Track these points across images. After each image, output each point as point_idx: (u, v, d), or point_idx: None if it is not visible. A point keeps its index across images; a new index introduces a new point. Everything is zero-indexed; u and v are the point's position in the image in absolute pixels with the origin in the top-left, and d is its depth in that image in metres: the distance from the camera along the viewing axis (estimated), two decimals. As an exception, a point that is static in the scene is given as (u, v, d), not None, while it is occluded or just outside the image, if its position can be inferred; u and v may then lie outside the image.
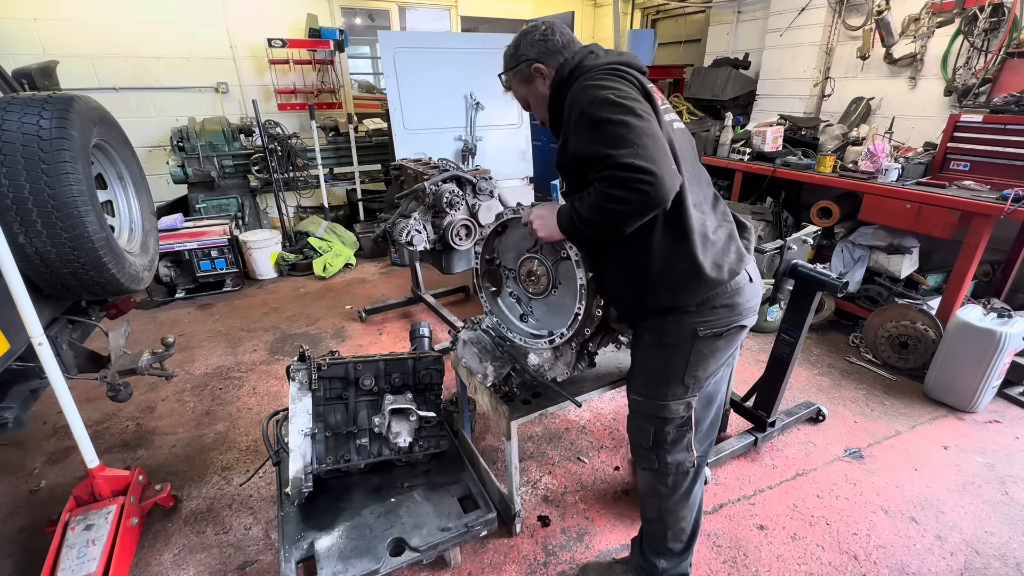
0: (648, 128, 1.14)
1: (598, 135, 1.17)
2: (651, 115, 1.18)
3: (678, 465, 1.48)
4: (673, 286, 1.31)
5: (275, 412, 1.96)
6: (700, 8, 5.79)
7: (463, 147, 4.51)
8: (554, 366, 1.69)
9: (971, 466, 2.27)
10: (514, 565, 1.82)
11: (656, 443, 1.48)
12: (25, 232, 1.49)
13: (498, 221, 1.67)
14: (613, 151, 1.13)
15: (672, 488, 1.51)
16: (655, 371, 1.44)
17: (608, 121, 1.15)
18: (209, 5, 4.74)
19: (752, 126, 4.15)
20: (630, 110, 1.15)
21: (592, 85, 1.23)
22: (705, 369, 1.40)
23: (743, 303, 1.37)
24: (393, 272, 4.68)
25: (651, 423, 1.47)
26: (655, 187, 1.10)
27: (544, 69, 1.42)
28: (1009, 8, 3.13)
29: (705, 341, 1.36)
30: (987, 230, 2.63)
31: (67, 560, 1.62)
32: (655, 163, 1.10)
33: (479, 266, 1.79)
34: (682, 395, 1.41)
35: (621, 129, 1.13)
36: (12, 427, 1.70)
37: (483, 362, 1.74)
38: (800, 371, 3.00)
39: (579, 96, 1.24)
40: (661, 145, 1.13)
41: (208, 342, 3.40)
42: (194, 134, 4.38)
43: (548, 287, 1.60)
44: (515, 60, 1.46)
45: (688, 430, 1.46)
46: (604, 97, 1.18)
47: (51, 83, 3.16)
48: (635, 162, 1.10)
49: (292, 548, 1.60)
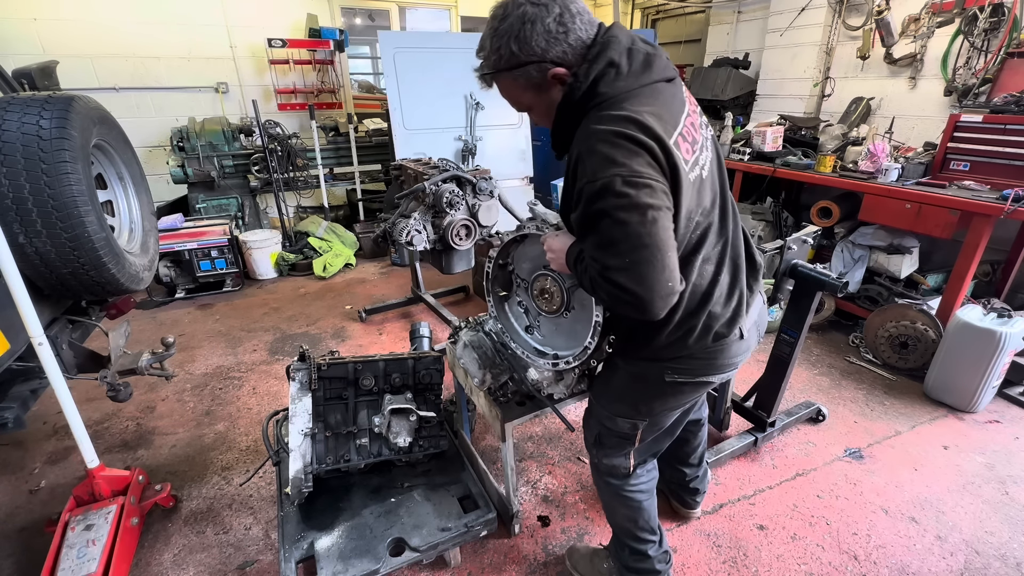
0: (647, 236, 0.95)
1: (592, 227, 1.00)
2: (661, 203, 0.97)
3: (613, 468, 1.51)
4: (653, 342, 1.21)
5: (275, 412, 1.96)
6: (700, 8, 5.79)
7: (463, 147, 4.50)
8: (553, 385, 1.68)
9: (971, 466, 2.27)
10: (514, 565, 1.82)
11: (598, 443, 1.51)
12: (25, 232, 1.49)
13: (519, 232, 1.57)
14: (603, 257, 0.99)
15: (606, 486, 1.55)
16: (613, 389, 1.42)
17: (604, 215, 0.96)
18: (209, 5, 4.74)
19: (752, 126, 4.15)
20: (634, 206, 0.94)
21: (600, 147, 0.97)
22: (663, 404, 1.36)
23: (723, 360, 1.26)
24: (393, 272, 4.68)
25: (598, 426, 1.49)
26: (640, 309, 0.99)
27: (565, 75, 1.05)
28: (1009, 8, 3.13)
29: (671, 385, 1.28)
30: (987, 230, 2.62)
31: (67, 560, 1.62)
32: (642, 284, 0.96)
33: (491, 270, 1.71)
34: (631, 416, 1.39)
35: (616, 232, 0.96)
36: (12, 427, 1.70)
37: (482, 368, 1.72)
38: (800, 371, 3.00)
39: (583, 158, 1.00)
40: (658, 259, 0.96)
41: (208, 342, 3.40)
42: (194, 134, 4.38)
43: (561, 308, 1.54)
44: (516, 60, 1.04)
45: (630, 444, 1.45)
46: (606, 183, 0.95)
47: (51, 83, 3.16)
48: (621, 281, 0.97)
49: (292, 548, 1.60)
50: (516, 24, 1.01)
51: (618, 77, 1.02)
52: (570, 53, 1.04)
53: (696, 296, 1.17)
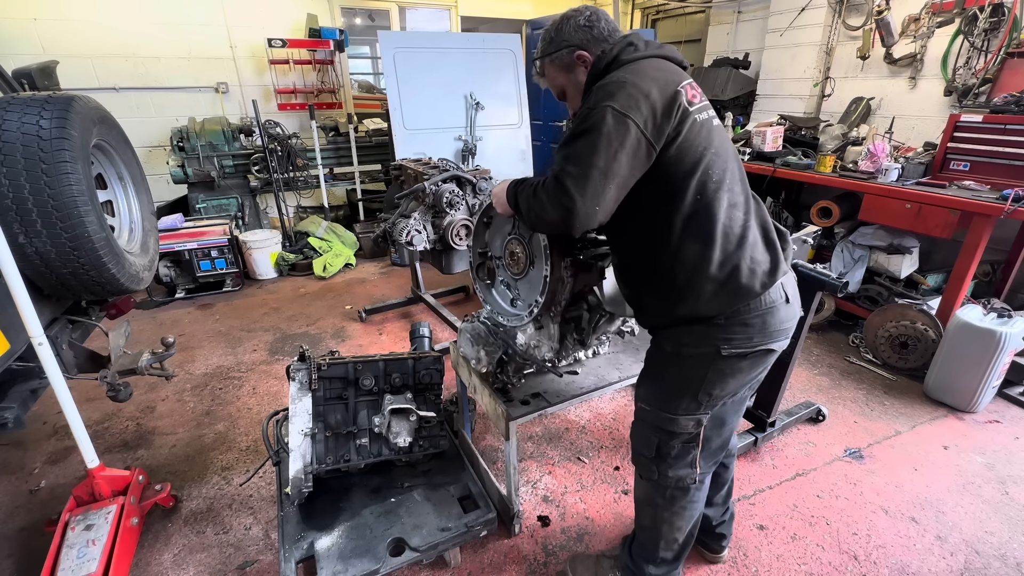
0: (606, 165, 1.12)
1: (573, 136, 1.18)
2: (634, 146, 1.14)
3: (679, 480, 1.42)
4: (700, 294, 1.21)
5: (275, 412, 1.97)
6: (700, 8, 5.79)
7: (463, 147, 4.51)
8: (540, 343, 1.69)
9: (971, 466, 2.27)
10: (514, 565, 1.82)
11: (659, 455, 1.41)
12: (25, 232, 1.49)
13: (481, 211, 1.72)
14: (566, 160, 1.16)
15: (669, 500, 1.46)
16: (669, 382, 1.36)
17: (586, 132, 1.14)
18: (209, 5, 4.74)
19: (752, 126, 4.15)
20: (609, 137, 1.12)
21: (613, 83, 1.18)
22: (723, 388, 1.30)
23: (775, 324, 1.25)
24: (393, 272, 4.68)
25: (656, 434, 1.40)
26: (571, 213, 1.14)
27: (588, 57, 1.33)
28: (1009, 8, 3.13)
29: (728, 360, 1.26)
30: (987, 230, 2.63)
31: (67, 560, 1.62)
32: (582, 195, 1.13)
33: (473, 259, 1.82)
34: (694, 411, 1.33)
35: (586, 148, 1.14)
36: (12, 427, 1.70)
37: (475, 347, 1.78)
38: (800, 371, 3.00)
39: (599, 89, 1.20)
40: (603, 183, 1.13)
41: (208, 342, 3.40)
42: (194, 134, 4.38)
43: (526, 265, 1.60)
44: (556, 45, 1.36)
45: (695, 447, 1.39)
46: (604, 109, 1.14)
47: (51, 83, 3.17)
48: (569, 184, 1.13)
49: (292, 548, 1.60)
50: (558, 22, 1.38)
51: (635, 51, 1.27)
52: (592, 43, 1.33)
53: (731, 239, 1.22)
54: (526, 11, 6.15)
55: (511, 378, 1.79)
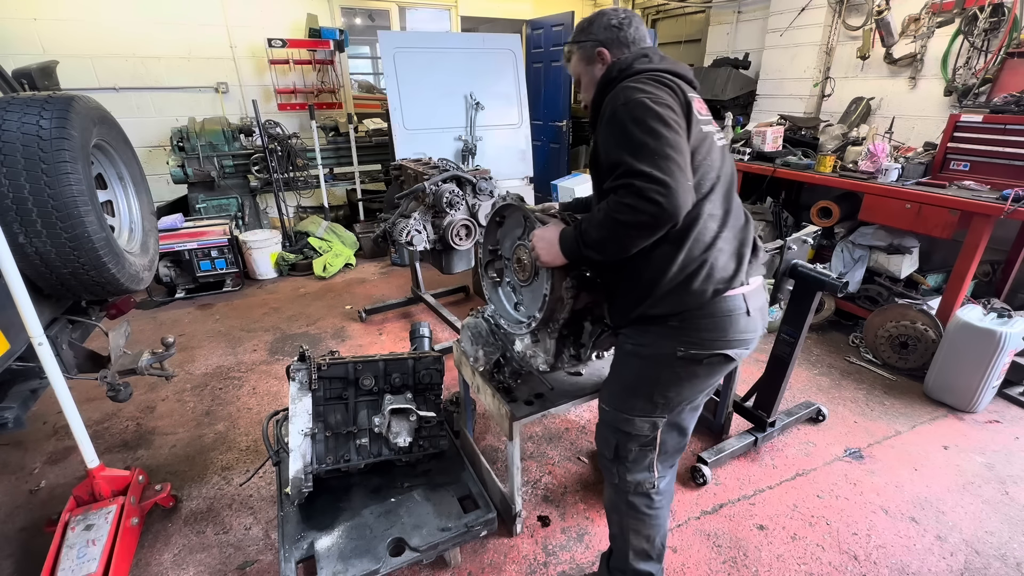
0: (672, 140, 1.12)
1: (623, 138, 1.16)
2: (681, 127, 1.17)
3: (637, 484, 1.43)
4: (656, 293, 1.26)
5: (275, 412, 1.96)
6: (700, 8, 5.79)
7: (463, 147, 4.51)
8: (536, 354, 1.70)
9: (971, 466, 2.27)
10: (514, 565, 1.82)
11: (617, 457, 1.43)
12: (25, 232, 1.49)
13: (495, 210, 1.71)
14: (632, 159, 1.12)
15: (630, 507, 1.46)
16: (625, 381, 1.40)
17: (637, 125, 1.14)
18: (209, 5, 4.74)
19: (752, 126, 4.15)
20: (660, 118, 1.14)
21: (632, 87, 1.22)
22: (679, 392, 1.33)
23: (733, 333, 1.28)
24: (393, 272, 4.68)
25: (615, 436, 1.42)
26: (668, 199, 1.08)
27: (607, 55, 1.38)
28: (1009, 8, 3.13)
29: (683, 362, 1.28)
30: (987, 230, 2.63)
31: (67, 560, 1.62)
32: (671, 175, 1.08)
33: (483, 255, 1.82)
34: (649, 412, 1.36)
35: (646, 137, 1.12)
36: (12, 427, 1.70)
37: (475, 345, 1.80)
38: (800, 371, 3.00)
39: (617, 96, 1.23)
40: (682, 160, 1.12)
41: (208, 342, 3.40)
42: (194, 134, 4.38)
43: (531, 274, 1.60)
44: (584, 35, 1.42)
45: (652, 450, 1.41)
46: (638, 100, 1.16)
47: (51, 83, 3.17)
48: (652, 171, 1.09)
49: (292, 548, 1.60)
50: (595, 15, 1.44)
51: (649, 62, 1.31)
52: (615, 44, 1.38)
53: (700, 244, 1.25)
54: (526, 11, 6.15)
55: (507, 379, 1.79)
